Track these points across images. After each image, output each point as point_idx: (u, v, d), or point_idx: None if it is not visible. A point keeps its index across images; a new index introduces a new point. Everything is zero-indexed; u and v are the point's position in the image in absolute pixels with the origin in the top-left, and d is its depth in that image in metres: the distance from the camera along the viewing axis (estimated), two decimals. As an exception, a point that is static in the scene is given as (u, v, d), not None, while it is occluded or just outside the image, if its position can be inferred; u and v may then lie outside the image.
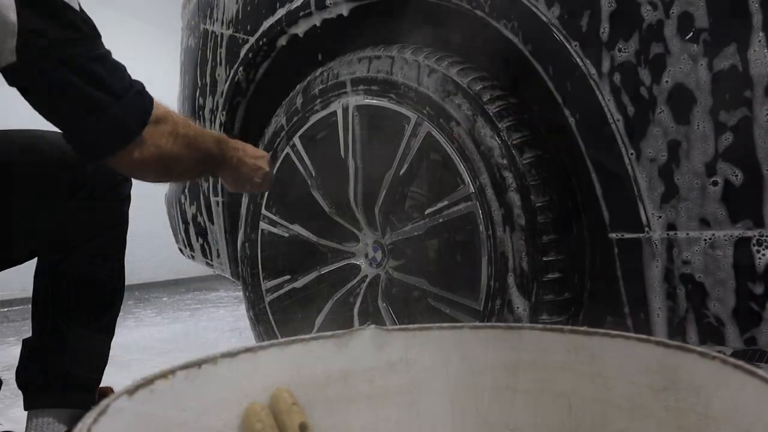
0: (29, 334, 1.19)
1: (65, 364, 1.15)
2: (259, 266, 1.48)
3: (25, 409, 1.15)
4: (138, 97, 0.95)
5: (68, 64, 0.86)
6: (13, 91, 0.90)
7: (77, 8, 0.89)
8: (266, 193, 1.44)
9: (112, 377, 1.26)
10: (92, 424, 0.42)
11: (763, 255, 0.75)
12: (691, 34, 0.78)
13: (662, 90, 0.81)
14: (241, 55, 1.48)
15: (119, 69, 0.94)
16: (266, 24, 1.39)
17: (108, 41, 0.94)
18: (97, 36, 0.93)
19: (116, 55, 0.94)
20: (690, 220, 0.80)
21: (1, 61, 0.83)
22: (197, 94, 1.69)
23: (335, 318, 1.30)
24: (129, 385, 0.48)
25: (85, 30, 0.89)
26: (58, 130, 0.94)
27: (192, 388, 0.54)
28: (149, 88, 0.98)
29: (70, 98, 0.88)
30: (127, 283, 1.29)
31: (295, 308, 1.44)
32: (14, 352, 1.21)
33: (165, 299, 3.97)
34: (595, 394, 0.59)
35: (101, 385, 1.22)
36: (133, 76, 0.97)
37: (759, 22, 0.73)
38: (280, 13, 1.35)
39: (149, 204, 2.42)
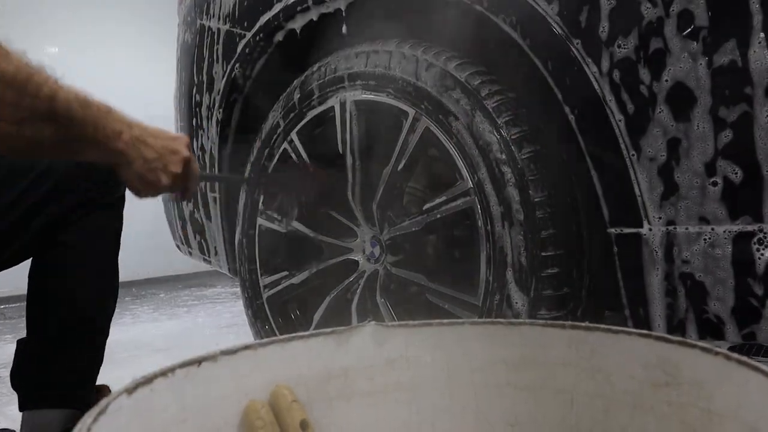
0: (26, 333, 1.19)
1: (60, 363, 1.14)
2: (257, 262, 1.47)
3: (20, 410, 1.14)
4: None
5: None
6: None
7: None
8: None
9: (109, 374, 1.25)
10: (92, 423, 0.42)
11: (763, 254, 0.75)
12: (690, 31, 0.77)
13: (662, 88, 0.80)
14: (238, 50, 1.47)
15: None
16: (263, 19, 1.38)
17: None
18: None
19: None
20: (689, 216, 0.80)
21: None
22: (194, 90, 1.68)
23: (333, 314, 1.30)
24: (128, 384, 0.48)
25: None
26: None
27: (192, 385, 0.53)
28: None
29: None
30: (123, 279, 1.28)
31: (293, 304, 1.44)
32: (11, 349, 1.20)
33: (162, 296, 3.96)
34: (597, 390, 0.59)
35: (98, 383, 1.22)
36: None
37: (759, 22, 0.73)
38: (277, 7, 1.34)
39: (147, 200, 2.40)
